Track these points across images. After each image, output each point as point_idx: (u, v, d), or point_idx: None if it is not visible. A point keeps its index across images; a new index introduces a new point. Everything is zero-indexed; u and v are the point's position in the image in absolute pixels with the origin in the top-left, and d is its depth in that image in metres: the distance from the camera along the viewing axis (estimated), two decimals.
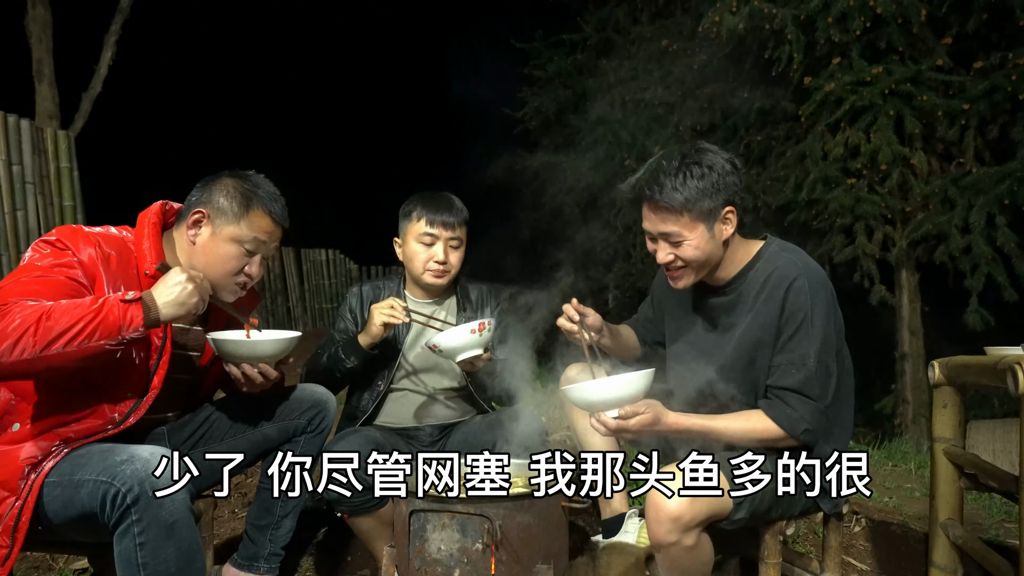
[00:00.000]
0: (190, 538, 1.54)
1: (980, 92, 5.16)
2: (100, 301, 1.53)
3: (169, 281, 1.61)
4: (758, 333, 1.83)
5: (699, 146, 1.83)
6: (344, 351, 2.21)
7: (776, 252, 1.89)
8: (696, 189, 1.76)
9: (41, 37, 6.74)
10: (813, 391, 1.77)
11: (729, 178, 1.78)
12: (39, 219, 4.60)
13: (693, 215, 1.78)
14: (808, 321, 1.77)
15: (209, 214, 1.82)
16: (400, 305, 2.16)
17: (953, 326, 5.31)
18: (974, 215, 5.11)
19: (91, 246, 1.70)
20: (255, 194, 1.85)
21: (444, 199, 2.34)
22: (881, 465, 3.96)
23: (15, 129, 4.45)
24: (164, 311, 1.59)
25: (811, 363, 1.76)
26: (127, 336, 1.54)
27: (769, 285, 1.82)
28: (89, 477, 1.53)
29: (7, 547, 1.56)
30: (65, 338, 1.47)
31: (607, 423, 1.72)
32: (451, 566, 1.63)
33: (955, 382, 2.05)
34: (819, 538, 2.59)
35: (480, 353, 2.11)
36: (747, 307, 1.86)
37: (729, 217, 1.82)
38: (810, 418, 1.77)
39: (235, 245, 1.83)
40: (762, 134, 6.39)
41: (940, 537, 2.06)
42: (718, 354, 1.90)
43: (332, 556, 2.57)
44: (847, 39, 5.38)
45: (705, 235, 1.80)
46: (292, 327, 9.35)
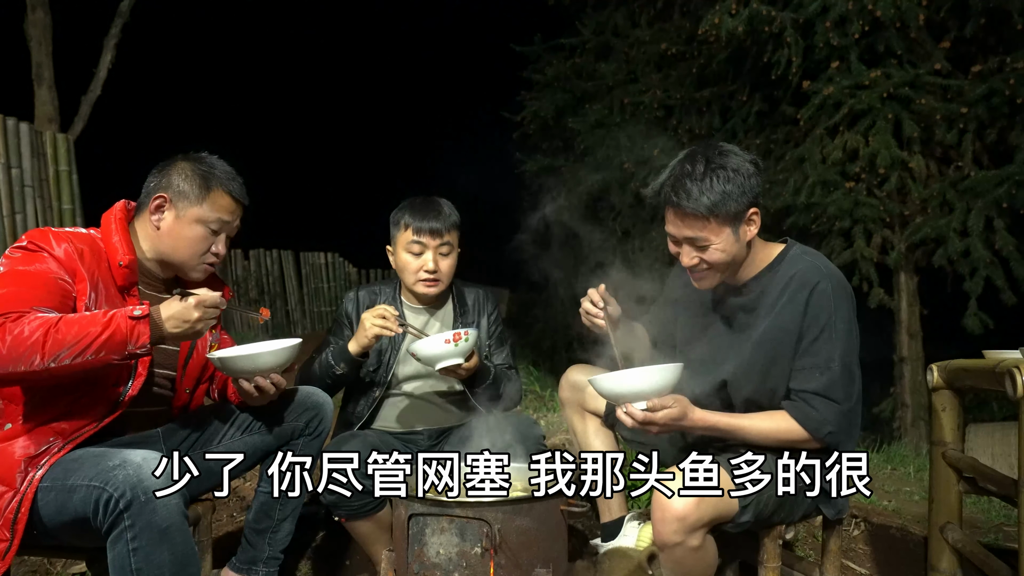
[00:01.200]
0: (184, 543, 1.53)
1: (978, 96, 5.17)
2: (108, 316, 1.56)
3: (176, 302, 1.65)
4: (779, 335, 1.82)
5: (722, 148, 1.81)
6: (334, 358, 2.21)
7: (798, 255, 1.88)
8: (723, 193, 1.74)
9: (41, 41, 6.74)
10: (838, 394, 1.77)
11: (753, 180, 1.77)
12: (38, 222, 4.59)
13: (720, 219, 1.76)
14: (832, 325, 1.77)
15: (170, 198, 1.84)
16: (392, 314, 2.14)
17: (951, 330, 5.31)
18: (972, 218, 5.12)
19: (64, 242, 1.73)
20: (213, 175, 1.87)
21: (432, 205, 2.30)
22: (880, 469, 3.95)
23: (14, 132, 4.45)
24: (170, 329, 1.62)
25: (835, 366, 1.76)
26: (133, 351, 1.57)
27: (791, 288, 1.82)
28: (82, 482, 1.53)
29: (7, 540, 1.56)
30: (73, 352, 1.51)
31: (635, 415, 1.71)
32: (450, 570, 1.63)
33: (954, 386, 2.05)
34: (818, 542, 2.58)
35: (459, 362, 2.09)
36: (767, 309, 1.85)
37: (754, 218, 1.81)
38: (834, 420, 1.77)
39: (200, 226, 1.86)
40: (760, 138, 6.40)
41: (939, 541, 2.06)
42: (735, 354, 1.89)
43: (330, 560, 2.56)
44: (846, 43, 5.38)
45: (731, 238, 1.79)
46: (291, 331, 9.34)
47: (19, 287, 1.61)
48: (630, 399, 1.72)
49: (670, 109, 7.18)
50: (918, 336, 5.83)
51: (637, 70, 7.54)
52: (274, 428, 2.03)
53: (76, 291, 1.71)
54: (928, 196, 5.37)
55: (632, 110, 7.33)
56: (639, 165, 6.84)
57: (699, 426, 1.79)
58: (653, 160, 6.68)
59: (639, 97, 7.29)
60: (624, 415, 1.73)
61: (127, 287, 1.82)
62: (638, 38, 7.58)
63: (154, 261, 1.90)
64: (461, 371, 2.14)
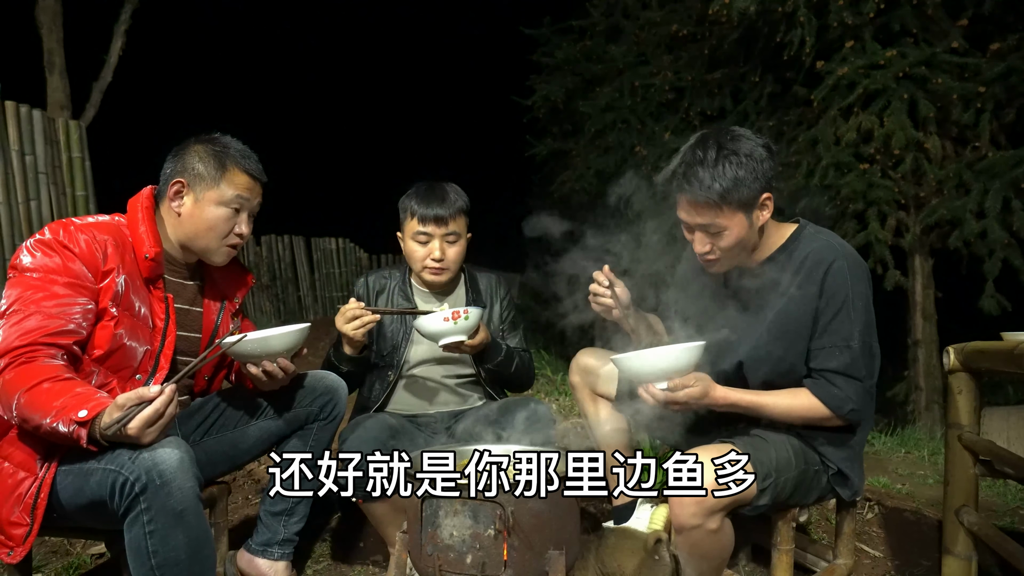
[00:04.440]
0: (199, 526, 1.55)
1: (996, 75, 5.07)
2: (61, 405, 1.48)
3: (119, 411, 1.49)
4: (795, 315, 1.81)
5: (733, 133, 1.78)
6: (336, 358, 2.23)
7: (812, 234, 1.87)
8: (735, 179, 1.71)
9: (52, 28, 6.76)
10: (859, 372, 1.76)
11: (766, 164, 1.74)
12: (52, 209, 4.62)
13: (732, 206, 1.74)
14: (850, 303, 1.75)
15: (188, 182, 1.84)
16: (358, 309, 2.12)
17: (965, 312, 5.26)
18: (989, 200, 5.04)
19: (85, 234, 1.72)
20: (227, 154, 1.87)
21: (437, 192, 2.28)
22: (894, 452, 3.94)
23: (27, 120, 4.47)
24: (110, 438, 1.50)
25: (855, 344, 1.75)
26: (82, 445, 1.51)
27: (806, 267, 1.80)
28: (98, 466, 1.54)
29: (27, 525, 1.59)
30: (31, 423, 1.52)
31: (655, 395, 1.71)
32: (463, 552, 1.64)
33: (970, 368, 2.03)
34: (832, 525, 2.58)
35: (462, 339, 2.12)
36: (783, 289, 1.83)
37: (767, 203, 1.79)
38: (856, 398, 1.77)
39: (220, 207, 1.85)
40: (773, 119, 6.31)
41: (955, 524, 2.05)
42: (751, 336, 1.88)
43: (345, 542, 2.58)
44: (860, 22, 5.29)
45: (744, 223, 1.77)
46: (303, 316, 9.37)
47: (39, 307, 1.61)
48: (651, 379, 1.72)
49: (681, 91, 7.10)
50: (932, 319, 5.78)
51: (647, 52, 7.46)
52: (288, 413, 2.04)
53: (100, 288, 1.71)
54: (944, 177, 5.29)
55: (643, 93, 7.26)
56: (651, 147, 6.78)
57: (721, 404, 1.80)
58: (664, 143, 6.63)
59: (649, 79, 7.21)
60: (646, 394, 1.72)
61: (153, 279, 1.83)
62: (648, 19, 7.49)
63: (178, 248, 1.91)
64: (465, 348, 2.17)
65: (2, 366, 1.55)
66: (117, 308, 1.72)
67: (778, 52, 5.79)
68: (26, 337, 1.56)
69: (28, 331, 1.57)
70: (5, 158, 4.29)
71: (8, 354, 1.55)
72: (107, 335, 1.70)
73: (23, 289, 1.63)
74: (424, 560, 1.69)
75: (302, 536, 2.18)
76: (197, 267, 2.00)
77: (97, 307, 1.70)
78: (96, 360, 1.70)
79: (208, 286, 2.03)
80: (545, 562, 1.64)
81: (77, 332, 1.64)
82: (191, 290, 1.98)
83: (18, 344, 1.55)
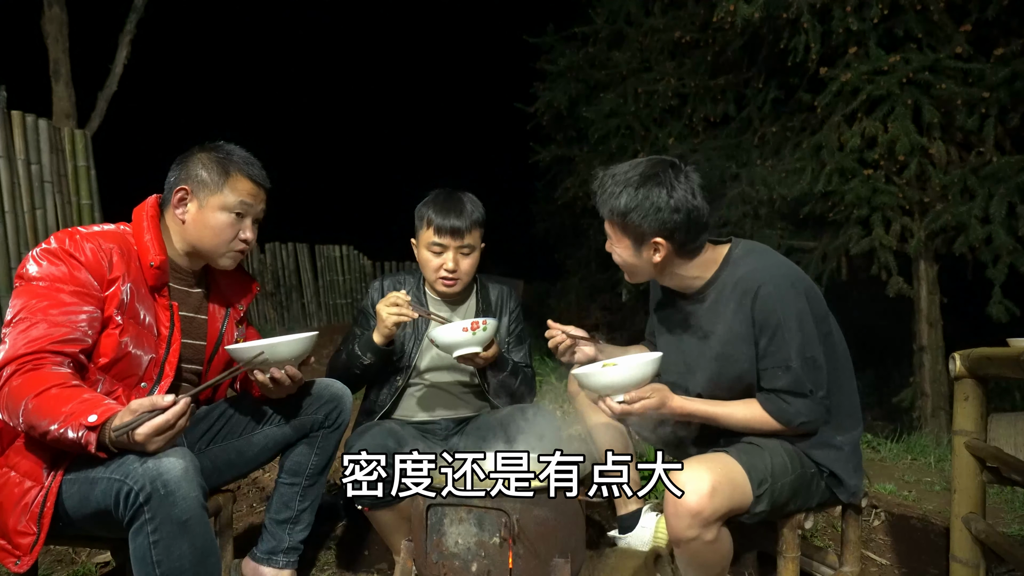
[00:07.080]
0: (204, 535, 1.55)
1: (1000, 80, 5.06)
2: (69, 410, 1.49)
3: (149, 422, 1.48)
4: (736, 343, 1.84)
5: (679, 174, 1.79)
6: (360, 348, 2.22)
7: (740, 257, 1.89)
8: (624, 208, 1.78)
9: (57, 37, 6.79)
10: (803, 388, 1.79)
11: (663, 215, 1.76)
12: (58, 217, 4.65)
13: (618, 227, 1.83)
14: (781, 326, 1.77)
15: (192, 189, 1.85)
16: (404, 300, 2.13)
17: (970, 318, 5.23)
18: (994, 205, 5.02)
19: (91, 242, 1.73)
20: (231, 160, 1.88)
21: (455, 203, 2.28)
22: (900, 459, 3.92)
23: (33, 129, 4.50)
24: (116, 440, 1.50)
25: (795, 364, 1.78)
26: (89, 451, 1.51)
27: (736, 295, 1.83)
28: (103, 475, 1.54)
29: (33, 534, 1.59)
30: (38, 431, 1.52)
31: (612, 407, 1.76)
32: (468, 560, 1.64)
33: (977, 374, 2.02)
34: (838, 532, 2.57)
35: (477, 350, 2.10)
36: (720, 315, 1.87)
37: (659, 248, 1.81)
38: (806, 411, 1.81)
39: (224, 213, 1.86)
40: (776, 125, 6.31)
41: (962, 531, 2.04)
42: (703, 363, 1.92)
43: (350, 550, 2.58)
44: (864, 27, 5.28)
45: (630, 249, 1.84)
46: (307, 323, 9.38)
47: (45, 315, 1.62)
48: (608, 392, 1.77)
49: (684, 97, 7.10)
50: (938, 325, 5.75)
51: (651, 58, 7.46)
52: (294, 420, 2.04)
53: (106, 296, 1.72)
54: (948, 183, 5.27)
55: (646, 99, 7.26)
56: (653, 153, 6.78)
57: (678, 414, 1.84)
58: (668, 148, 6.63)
59: (653, 85, 7.21)
60: (604, 407, 1.77)
61: (158, 287, 1.84)
62: (652, 26, 7.50)
63: (183, 255, 1.92)
64: (479, 360, 2.16)
65: (9, 373, 1.56)
66: (122, 316, 1.73)
67: (782, 58, 5.80)
68: (33, 344, 1.57)
69: (35, 339, 1.58)
70: (11, 167, 4.32)
71: (15, 361, 1.56)
72: (112, 343, 1.71)
73: (29, 298, 1.64)
74: (429, 568, 1.68)
75: (307, 544, 2.18)
76: (202, 275, 2.01)
77: (103, 315, 1.71)
78: (102, 368, 1.71)
79: (213, 294, 2.04)
80: (550, 570, 1.64)
81: (83, 340, 1.65)
82: (196, 298, 1.98)
83: (25, 351, 1.56)
